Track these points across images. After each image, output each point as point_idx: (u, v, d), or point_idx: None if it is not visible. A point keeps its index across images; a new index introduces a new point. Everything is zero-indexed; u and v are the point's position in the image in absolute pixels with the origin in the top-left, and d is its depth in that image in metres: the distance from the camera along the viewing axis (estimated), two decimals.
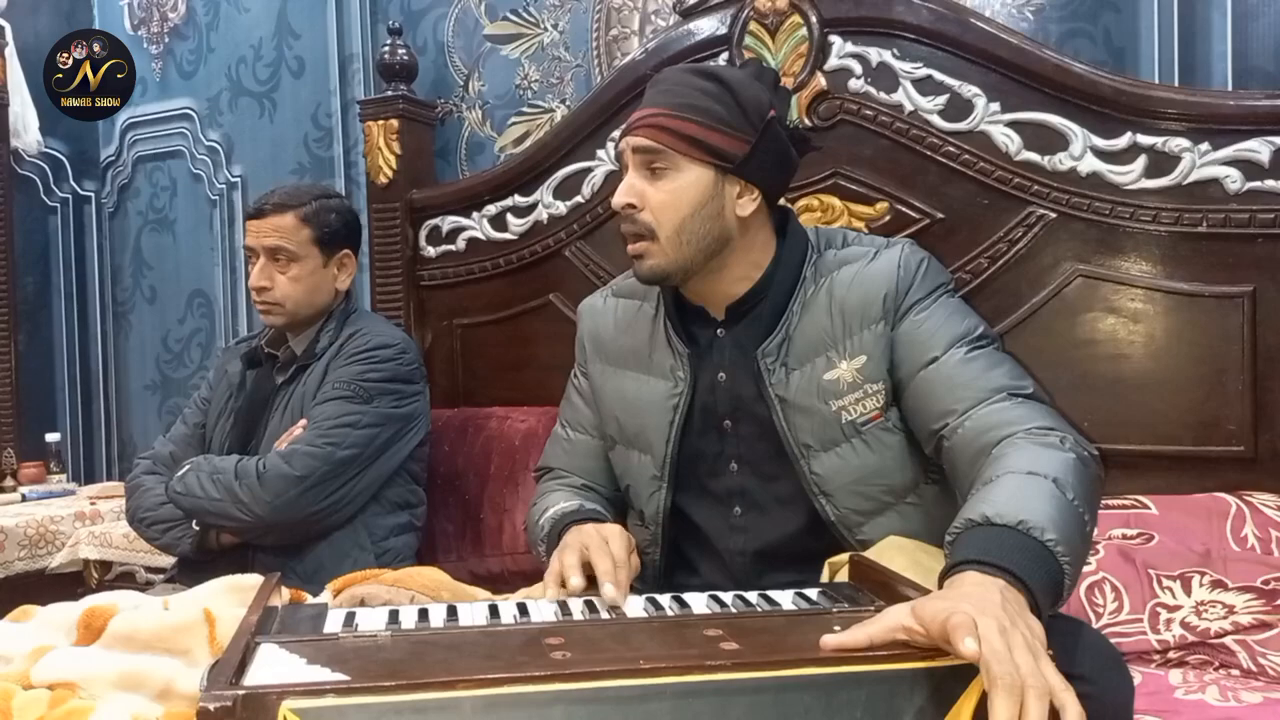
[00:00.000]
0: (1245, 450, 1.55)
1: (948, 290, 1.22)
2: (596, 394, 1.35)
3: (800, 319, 1.20)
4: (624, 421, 1.30)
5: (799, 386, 1.19)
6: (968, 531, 0.87)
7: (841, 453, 1.18)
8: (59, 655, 1.02)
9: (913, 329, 1.17)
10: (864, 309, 1.19)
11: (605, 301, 1.39)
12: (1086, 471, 0.96)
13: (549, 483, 1.39)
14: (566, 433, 1.41)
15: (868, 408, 1.18)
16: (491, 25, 2.44)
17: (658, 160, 1.18)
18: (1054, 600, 0.83)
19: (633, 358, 1.30)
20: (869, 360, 1.18)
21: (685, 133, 1.17)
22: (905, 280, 1.19)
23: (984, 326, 1.19)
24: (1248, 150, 1.55)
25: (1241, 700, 1.22)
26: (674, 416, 1.24)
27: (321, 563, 1.65)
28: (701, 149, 1.17)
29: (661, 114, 1.18)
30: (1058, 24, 1.86)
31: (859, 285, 1.20)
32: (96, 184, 3.15)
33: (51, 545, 2.31)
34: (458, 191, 2.29)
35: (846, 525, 1.19)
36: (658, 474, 1.27)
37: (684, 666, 0.70)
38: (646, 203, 1.19)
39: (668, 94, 1.20)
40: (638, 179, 1.19)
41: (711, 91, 1.17)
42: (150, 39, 3.01)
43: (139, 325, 3.12)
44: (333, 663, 0.74)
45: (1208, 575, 1.40)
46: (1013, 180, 1.70)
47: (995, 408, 1.07)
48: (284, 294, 1.74)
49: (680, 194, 1.17)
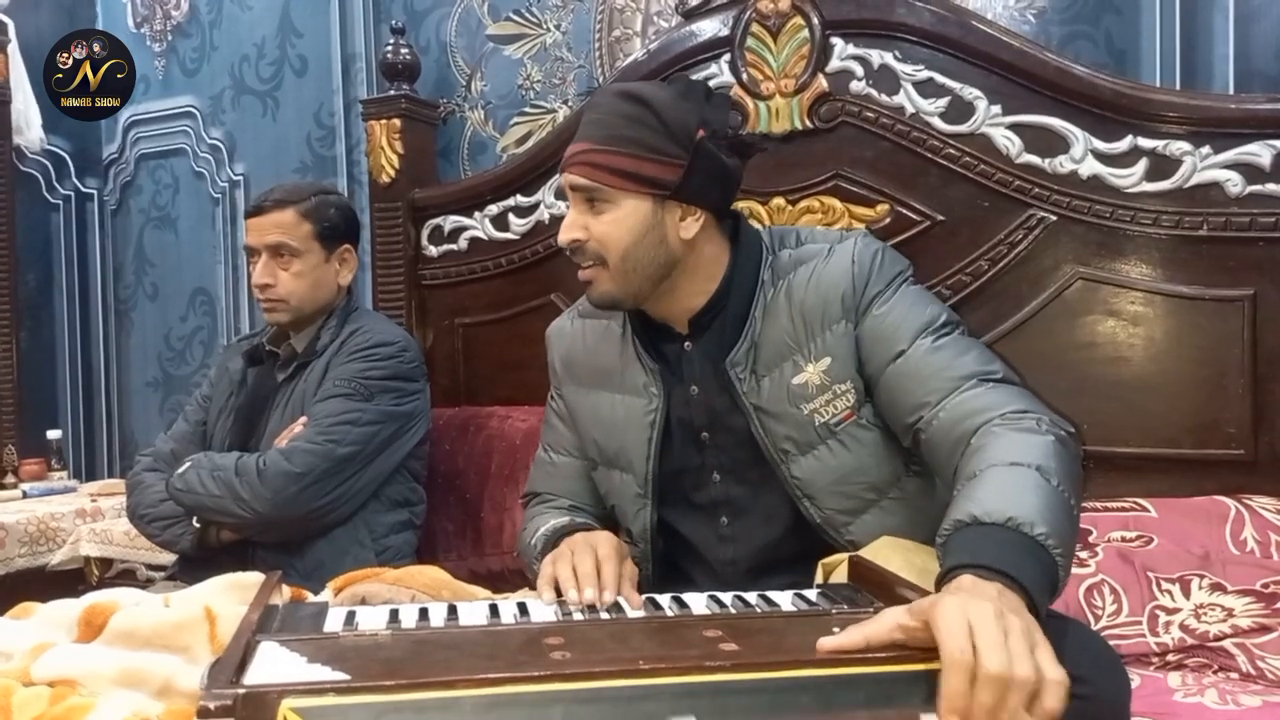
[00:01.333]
0: (1245, 453, 1.55)
1: (906, 279, 1.21)
2: (573, 416, 1.35)
3: (763, 324, 1.21)
4: (603, 443, 1.30)
5: (770, 393, 1.19)
6: (958, 533, 0.87)
7: (819, 454, 1.19)
8: (59, 652, 1.03)
9: (876, 324, 1.17)
10: (824, 309, 1.19)
11: (573, 324, 1.38)
12: (1066, 452, 0.96)
13: (537, 508, 1.39)
14: (550, 456, 1.40)
15: (839, 408, 1.18)
16: (494, 25, 2.45)
17: (595, 195, 1.18)
18: (1050, 594, 0.83)
19: (605, 378, 1.30)
20: (834, 361, 1.18)
21: (616, 167, 1.16)
22: (861, 276, 1.18)
23: (947, 313, 1.18)
24: (1249, 154, 1.55)
25: (1240, 704, 1.22)
26: (651, 434, 1.24)
27: (321, 560, 1.65)
28: (634, 180, 1.16)
29: (593, 150, 1.17)
30: (1059, 26, 1.86)
31: (816, 285, 1.19)
32: (99, 181, 3.15)
33: (52, 542, 2.31)
34: (460, 191, 2.30)
35: (833, 526, 1.19)
36: (641, 491, 1.27)
37: (683, 667, 0.71)
38: (590, 235, 1.19)
39: (596, 124, 1.19)
40: (579, 214, 1.20)
41: (637, 117, 1.16)
42: (153, 37, 3.02)
43: (141, 323, 3.12)
44: (333, 661, 0.74)
45: (1207, 578, 1.40)
46: (1013, 183, 1.70)
47: (967, 395, 1.07)
48: (287, 290, 1.74)
49: (620, 224, 1.17)
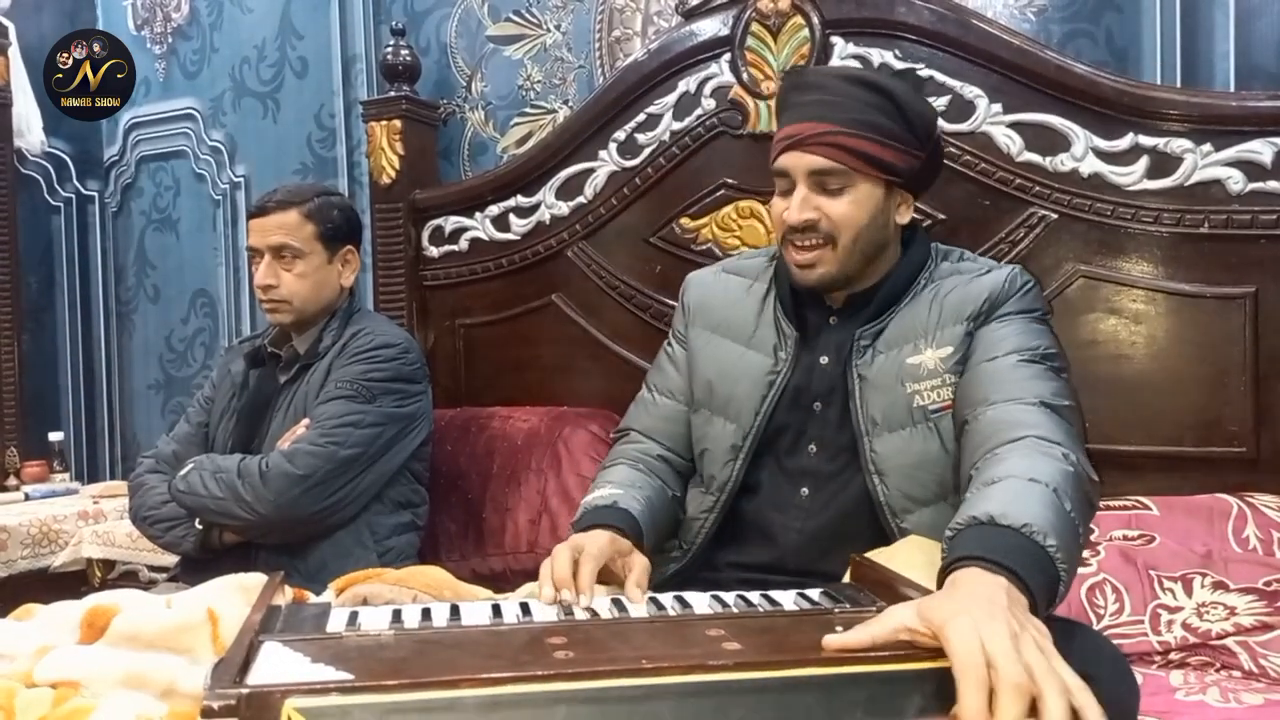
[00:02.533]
0: (1247, 451, 1.55)
1: (1040, 316, 1.23)
2: (692, 358, 1.38)
3: (905, 310, 1.25)
4: (716, 386, 1.33)
5: (881, 367, 1.23)
6: (970, 528, 0.87)
7: (905, 435, 1.21)
8: (62, 654, 1.03)
9: (990, 333, 1.20)
10: (961, 306, 1.22)
11: (715, 276, 1.42)
12: (1082, 488, 0.96)
13: (622, 447, 1.40)
14: (653, 396, 1.42)
15: (941, 396, 1.20)
16: (494, 26, 2.45)
17: (833, 178, 1.20)
18: (1048, 606, 0.83)
19: (736, 329, 1.33)
20: (953, 352, 1.21)
21: (862, 150, 1.19)
22: (1007, 293, 1.22)
23: (1056, 350, 1.19)
24: (1250, 151, 1.55)
25: (1243, 702, 1.22)
26: (769, 392, 1.28)
27: (324, 561, 1.65)
28: (877, 166, 1.20)
29: (840, 132, 1.19)
30: (1059, 25, 1.86)
31: (964, 287, 1.24)
32: (100, 184, 3.16)
33: (54, 544, 2.31)
34: (460, 192, 2.30)
35: (893, 510, 1.21)
36: (739, 443, 1.29)
37: (686, 666, 0.70)
38: (824, 214, 1.21)
39: (836, 108, 1.20)
40: (811, 194, 1.21)
41: (880, 106, 1.20)
42: (154, 39, 3.02)
43: (142, 325, 3.12)
44: (336, 661, 0.74)
45: (1209, 576, 1.40)
46: (1014, 181, 1.70)
47: (1022, 409, 1.07)
48: (290, 291, 1.75)
49: (859, 207, 1.21)
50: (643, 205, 2.07)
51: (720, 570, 1.30)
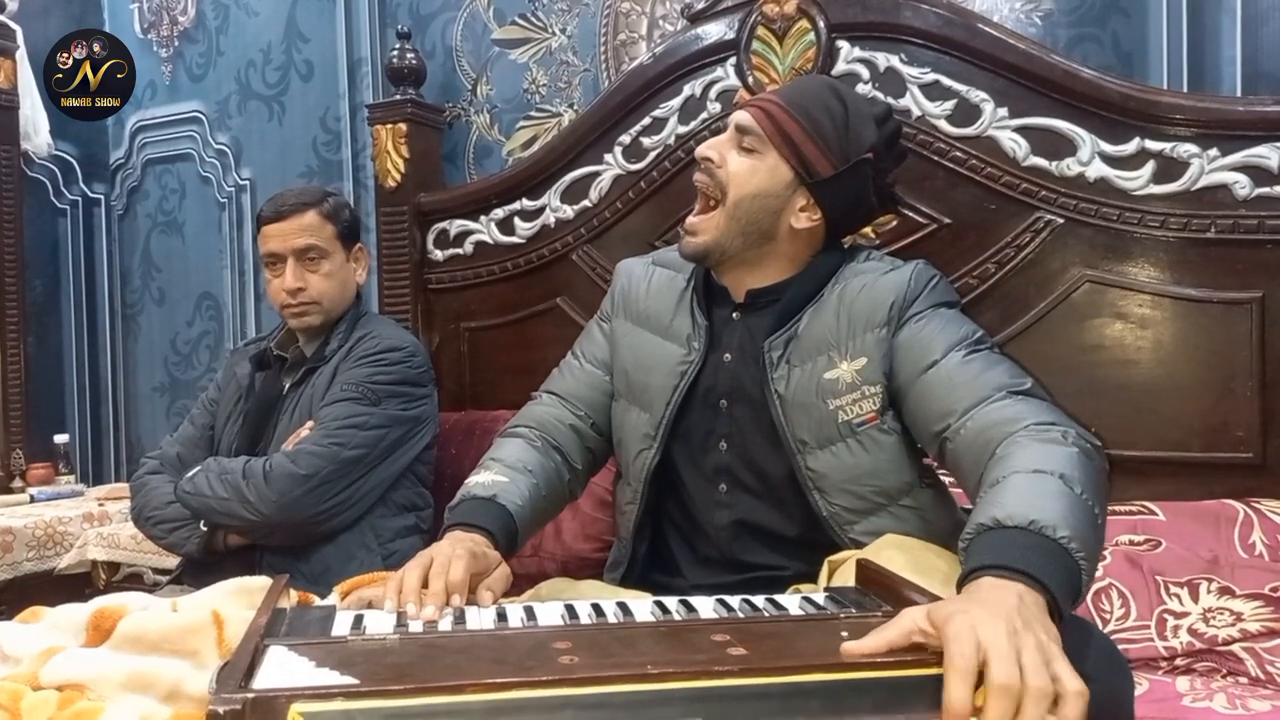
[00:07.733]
0: (1254, 457, 1.55)
1: (951, 308, 1.24)
2: (614, 346, 1.39)
3: (810, 319, 1.24)
4: (633, 376, 1.34)
5: (799, 384, 1.22)
6: (980, 536, 0.87)
7: (836, 451, 1.20)
8: (68, 656, 1.03)
9: (911, 336, 1.19)
10: (870, 313, 1.21)
11: (645, 268, 1.43)
12: (1091, 464, 0.96)
13: (531, 408, 1.39)
14: (579, 362, 1.42)
15: (864, 409, 1.20)
16: (499, 30, 2.45)
17: (750, 139, 1.24)
18: (1074, 597, 0.83)
19: (654, 321, 1.34)
20: (869, 362, 1.20)
21: (786, 129, 1.22)
22: (914, 291, 1.22)
23: (982, 332, 1.20)
24: (1257, 156, 1.54)
25: (1249, 708, 1.21)
26: (679, 381, 1.28)
27: (328, 564, 1.65)
28: (791, 149, 1.22)
29: (778, 105, 1.24)
30: (1066, 29, 1.86)
31: (868, 292, 1.23)
32: (106, 187, 3.16)
33: (60, 546, 2.32)
34: (465, 195, 2.30)
35: (838, 522, 1.21)
36: (651, 433, 1.29)
37: (692, 672, 0.70)
38: (725, 165, 1.24)
39: (794, 90, 1.28)
40: (728, 143, 1.26)
41: (829, 107, 1.23)
42: (160, 42, 3.03)
43: (148, 327, 3.13)
44: (341, 666, 0.74)
45: (1215, 582, 1.39)
46: (1020, 185, 1.70)
47: (995, 406, 1.07)
48: (319, 292, 1.75)
49: (756, 171, 1.23)
50: (648, 209, 2.08)
51: (672, 575, 1.31)
